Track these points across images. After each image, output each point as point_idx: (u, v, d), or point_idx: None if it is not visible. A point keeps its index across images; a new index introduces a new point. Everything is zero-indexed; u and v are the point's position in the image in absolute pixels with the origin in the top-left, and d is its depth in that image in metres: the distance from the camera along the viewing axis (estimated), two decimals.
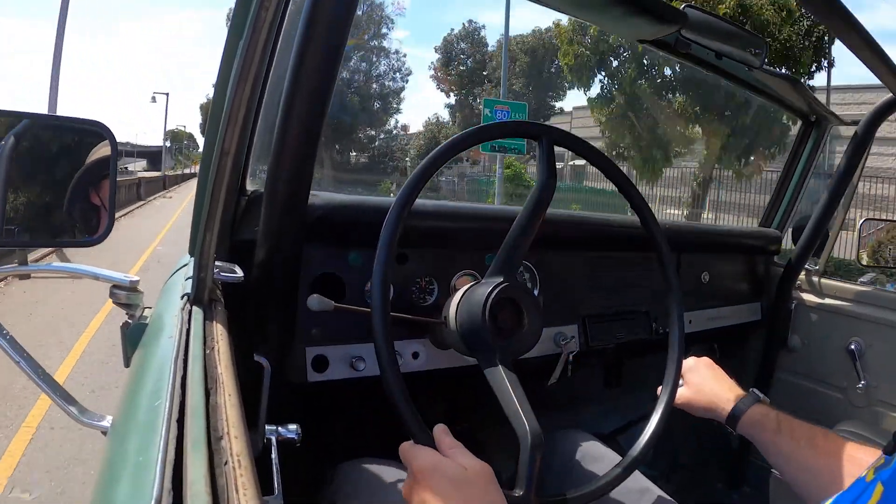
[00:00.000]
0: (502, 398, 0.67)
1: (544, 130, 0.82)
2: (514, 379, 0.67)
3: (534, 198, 0.80)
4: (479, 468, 0.60)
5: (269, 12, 0.58)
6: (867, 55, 0.88)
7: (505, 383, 0.67)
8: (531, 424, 0.64)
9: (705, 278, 1.42)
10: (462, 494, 0.58)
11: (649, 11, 0.92)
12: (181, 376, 0.57)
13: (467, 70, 26.71)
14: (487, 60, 25.58)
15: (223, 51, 0.85)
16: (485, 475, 0.60)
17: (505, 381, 0.67)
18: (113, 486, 0.55)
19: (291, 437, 0.70)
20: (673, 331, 0.88)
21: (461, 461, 0.61)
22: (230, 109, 0.62)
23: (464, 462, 0.61)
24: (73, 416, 0.87)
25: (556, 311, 1.11)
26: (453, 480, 0.59)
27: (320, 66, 0.68)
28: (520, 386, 0.67)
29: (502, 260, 0.77)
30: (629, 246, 1.22)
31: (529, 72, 24.81)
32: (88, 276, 0.98)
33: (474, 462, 0.61)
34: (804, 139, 1.55)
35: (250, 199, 0.88)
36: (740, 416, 0.87)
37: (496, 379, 0.68)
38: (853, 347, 1.41)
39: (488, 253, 1.02)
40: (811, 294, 1.54)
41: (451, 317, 0.73)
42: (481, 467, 0.61)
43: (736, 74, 1.24)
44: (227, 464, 0.42)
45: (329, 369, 0.88)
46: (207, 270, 0.71)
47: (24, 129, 0.88)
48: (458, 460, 0.61)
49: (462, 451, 0.62)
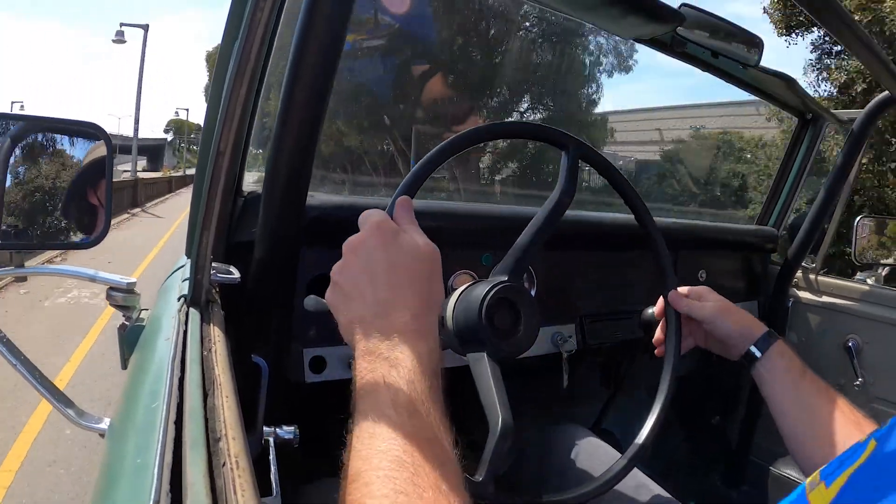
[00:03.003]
0: (480, 386, 0.65)
1: (572, 142, 0.82)
2: (497, 372, 0.67)
3: (551, 206, 0.79)
4: (431, 249, 0.58)
5: (265, 12, 0.58)
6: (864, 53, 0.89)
7: (486, 372, 0.66)
8: (504, 414, 0.62)
9: (702, 276, 1.42)
10: (409, 261, 0.56)
11: (646, 10, 0.92)
12: (179, 378, 0.57)
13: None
14: None
15: (219, 51, 0.85)
16: (436, 258, 0.58)
17: (487, 370, 0.66)
18: (111, 488, 0.55)
19: (289, 438, 0.70)
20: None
21: (416, 237, 0.58)
22: (226, 110, 0.62)
23: (419, 238, 0.58)
24: (70, 418, 0.87)
25: (554, 311, 1.11)
26: (405, 246, 0.56)
27: (318, 64, 0.68)
28: (501, 380, 0.66)
29: (510, 263, 0.77)
30: (626, 245, 1.22)
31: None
32: (85, 277, 0.98)
33: (429, 242, 0.58)
34: (800, 137, 1.55)
35: (247, 200, 0.87)
36: (759, 356, 0.82)
37: (479, 367, 0.67)
38: (850, 344, 1.41)
39: (484, 252, 1.02)
40: (808, 291, 1.55)
41: (448, 316, 0.73)
42: (434, 249, 0.58)
43: (732, 73, 1.25)
44: (226, 465, 0.42)
45: (327, 370, 0.88)
46: (204, 272, 0.71)
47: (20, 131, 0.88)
48: (414, 235, 0.58)
49: (419, 230, 0.59)
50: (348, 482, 0.42)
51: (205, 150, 0.82)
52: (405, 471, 0.41)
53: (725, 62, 1.14)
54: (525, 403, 1.09)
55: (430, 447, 0.43)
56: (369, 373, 0.49)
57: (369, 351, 0.50)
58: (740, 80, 1.31)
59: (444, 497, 0.40)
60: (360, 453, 0.43)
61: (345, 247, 0.57)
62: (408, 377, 0.48)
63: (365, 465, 0.42)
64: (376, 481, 0.40)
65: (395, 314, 0.52)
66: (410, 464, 0.41)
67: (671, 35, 1.03)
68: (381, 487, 0.40)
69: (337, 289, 0.57)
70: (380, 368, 0.48)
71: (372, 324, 0.52)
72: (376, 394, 0.47)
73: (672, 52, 1.11)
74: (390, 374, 0.48)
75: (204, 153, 0.84)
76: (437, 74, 11.28)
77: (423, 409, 0.46)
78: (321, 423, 0.89)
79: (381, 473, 0.41)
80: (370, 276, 0.54)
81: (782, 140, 7.21)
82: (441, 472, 0.41)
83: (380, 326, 0.52)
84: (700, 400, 1.60)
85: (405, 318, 0.52)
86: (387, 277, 0.54)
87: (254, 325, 0.83)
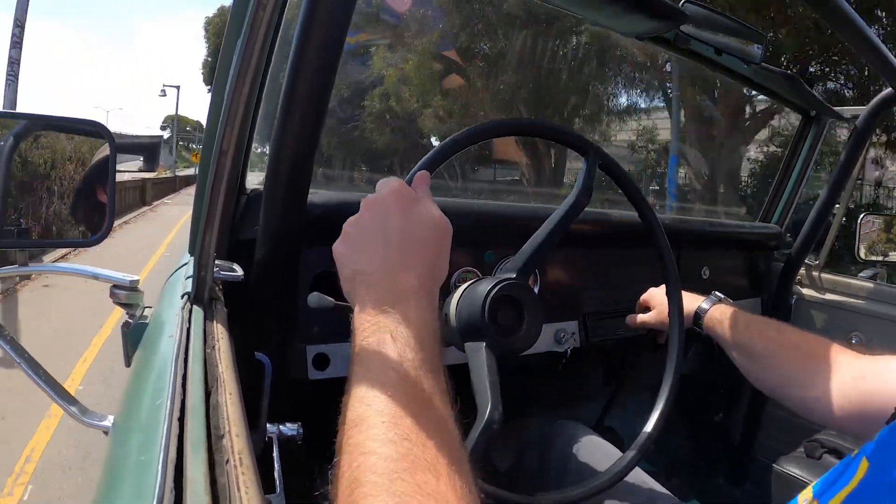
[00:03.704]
0: (474, 374, 0.65)
1: (592, 149, 0.84)
2: (494, 363, 0.67)
3: (567, 208, 0.80)
4: (445, 221, 0.58)
5: (267, 11, 0.58)
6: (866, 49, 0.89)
7: (483, 362, 0.66)
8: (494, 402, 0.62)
9: (705, 273, 1.42)
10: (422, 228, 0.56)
11: (648, 8, 0.92)
12: (182, 375, 0.57)
13: None
14: None
15: (221, 49, 0.85)
16: (448, 231, 0.58)
17: (483, 360, 0.66)
18: (114, 485, 0.55)
19: (293, 436, 0.70)
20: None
21: (431, 207, 0.59)
22: (229, 108, 0.62)
23: (434, 209, 0.59)
24: (74, 416, 0.87)
25: (557, 308, 1.11)
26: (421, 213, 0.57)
27: (320, 63, 0.68)
28: (496, 372, 0.66)
29: (521, 261, 0.77)
30: (629, 242, 1.22)
31: None
32: (88, 275, 0.98)
33: (442, 215, 0.59)
34: (803, 134, 1.55)
35: (250, 197, 0.88)
36: (703, 315, 0.96)
37: (476, 357, 0.67)
38: (853, 342, 1.41)
39: (488, 250, 1.02)
40: (811, 289, 1.54)
41: (452, 313, 0.73)
42: (447, 222, 0.59)
43: (736, 70, 1.24)
44: (229, 462, 0.42)
45: (330, 367, 0.88)
46: (207, 269, 0.71)
47: (23, 129, 0.88)
48: (429, 205, 0.59)
49: (433, 202, 0.60)
50: (349, 426, 0.42)
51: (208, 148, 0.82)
52: (409, 417, 0.41)
53: (729, 59, 1.14)
54: (527, 400, 1.10)
55: (434, 398, 0.44)
56: (373, 325, 0.49)
57: (373, 305, 0.50)
58: (744, 78, 1.30)
59: (447, 447, 0.40)
60: (363, 399, 0.43)
61: (362, 203, 0.58)
62: (413, 333, 0.48)
63: (368, 410, 0.42)
64: (380, 425, 0.40)
65: (401, 275, 0.53)
66: (415, 411, 0.41)
67: (675, 32, 1.03)
68: (385, 431, 0.40)
69: (348, 239, 0.57)
70: (386, 322, 0.49)
71: (378, 281, 0.53)
72: (383, 343, 0.47)
73: (676, 49, 1.11)
74: (398, 328, 0.48)
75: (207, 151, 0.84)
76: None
77: (424, 368, 0.46)
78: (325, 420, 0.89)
79: (386, 418, 0.41)
80: (383, 234, 0.55)
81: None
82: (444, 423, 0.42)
83: (386, 285, 0.52)
84: (703, 397, 1.60)
85: (411, 280, 0.53)
86: (399, 239, 0.55)
87: (257, 322, 0.83)
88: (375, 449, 0.39)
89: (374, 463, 0.38)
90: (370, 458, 0.38)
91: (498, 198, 6.13)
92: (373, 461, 0.38)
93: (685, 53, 1.14)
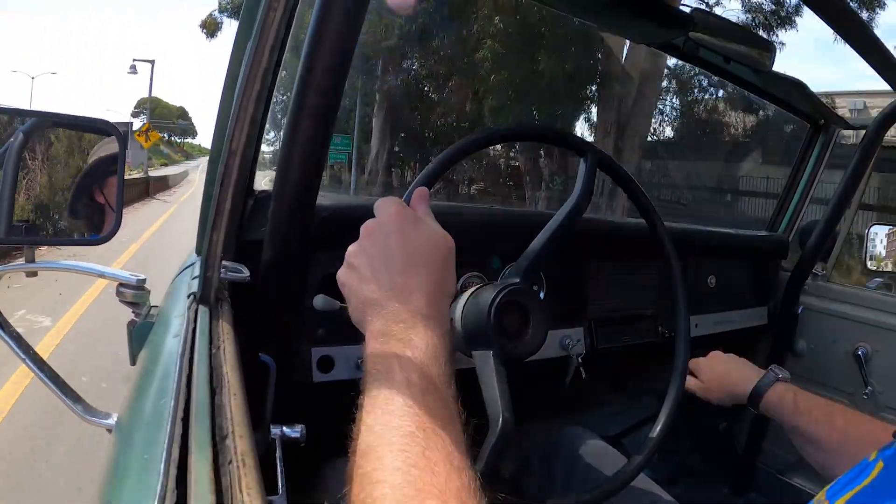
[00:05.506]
0: (484, 382, 0.65)
1: (590, 150, 0.82)
2: (502, 371, 0.66)
3: (566, 212, 0.79)
4: (447, 238, 0.58)
5: (278, 12, 0.58)
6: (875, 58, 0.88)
7: (491, 370, 0.65)
8: (505, 410, 0.62)
9: (712, 282, 1.41)
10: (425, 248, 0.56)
11: (658, 16, 0.92)
12: (187, 375, 0.57)
13: None
14: None
15: (231, 50, 0.85)
16: (451, 247, 0.58)
17: (491, 368, 0.66)
18: (117, 483, 0.55)
19: (296, 438, 0.70)
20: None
21: (432, 225, 0.59)
22: (238, 109, 0.62)
23: (434, 227, 0.59)
24: (78, 413, 0.87)
25: (563, 314, 1.11)
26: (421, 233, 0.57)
27: (331, 64, 0.68)
28: (506, 379, 0.66)
29: (523, 266, 0.77)
30: (637, 250, 1.22)
31: None
32: (94, 274, 0.99)
33: (444, 231, 0.59)
34: (811, 143, 1.54)
35: (258, 199, 0.88)
36: (761, 397, 0.89)
37: (484, 365, 0.66)
38: (860, 353, 1.40)
39: (494, 255, 1.02)
40: (818, 299, 1.53)
41: (458, 318, 0.73)
42: (449, 239, 0.59)
43: (745, 78, 1.24)
44: (232, 463, 0.42)
45: (335, 370, 0.88)
46: (214, 270, 0.71)
47: (32, 126, 0.88)
48: (430, 223, 0.59)
49: (434, 220, 0.60)
50: (359, 456, 0.43)
51: (217, 148, 0.83)
52: (417, 446, 0.41)
53: (738, 67, 1.14)
54: (532, 406, 1.09)
55: (441, 425, 0.44)
56: (383, 352, 0.49)
57: (382, 332, 0.51)
58: (753, 86, 1.30)
59: (456, 472, 0.40)
60: (371, 428, 0.44)
61: (362, 229, 0.58)
62: (421, 358, 0.48)
63: (377, 439, 0.42)
64: (388, 455, 0.41)
65: (409, 298, 0.53)
66: (422, 439, 0.41)
67: (684, 40, 1.03)
68: (393, 460, 0.40)
69: (351, 270, 0.57)
70: (394, 348, 0.49)
71: (386, 307, 0.53)
72: (390, 372, 0.47)
73: (685, 56, 1.11)
74: (404, 354, 0.48)
75: (216, 152, 0.84)
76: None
77: (435, 389, 0.46)
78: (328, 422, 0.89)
79: (394, 447, 0.41)
80: (386, 259, 0.55)
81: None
82: (452, 450, 0.42)
83: (394, 309, 0.52)
84: (707, 405, 1.59)
85: (419, 303, 0.53)
86: (402, 262, 0.55)
87: (263, 323, 0.83)
88: (384, 478, 0.39)
89: (383, 493, 0.39)
90: (379, 488, 0.39)
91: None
92: (382, 491, 0.39)
93: (695, 61, 1.14)
